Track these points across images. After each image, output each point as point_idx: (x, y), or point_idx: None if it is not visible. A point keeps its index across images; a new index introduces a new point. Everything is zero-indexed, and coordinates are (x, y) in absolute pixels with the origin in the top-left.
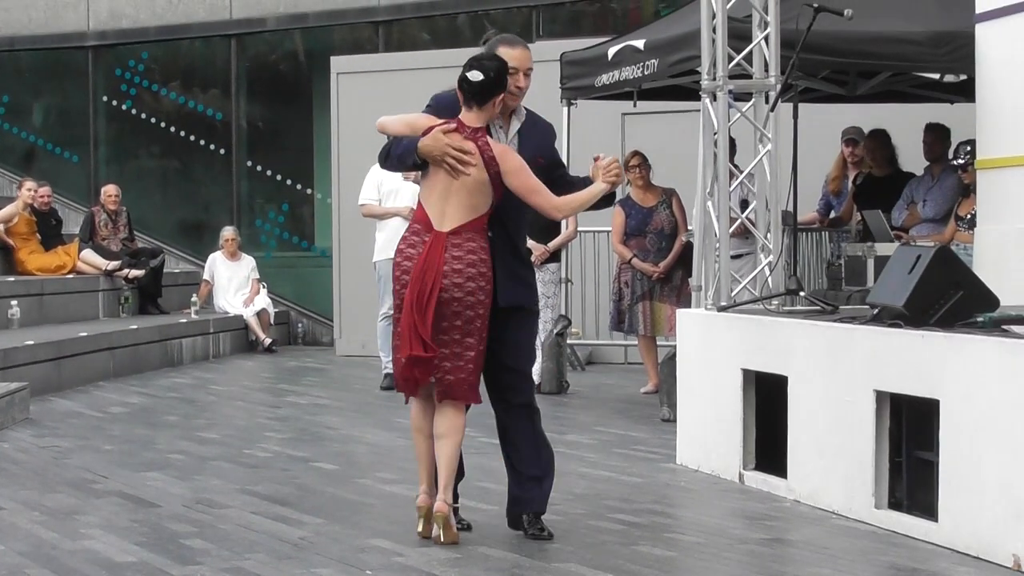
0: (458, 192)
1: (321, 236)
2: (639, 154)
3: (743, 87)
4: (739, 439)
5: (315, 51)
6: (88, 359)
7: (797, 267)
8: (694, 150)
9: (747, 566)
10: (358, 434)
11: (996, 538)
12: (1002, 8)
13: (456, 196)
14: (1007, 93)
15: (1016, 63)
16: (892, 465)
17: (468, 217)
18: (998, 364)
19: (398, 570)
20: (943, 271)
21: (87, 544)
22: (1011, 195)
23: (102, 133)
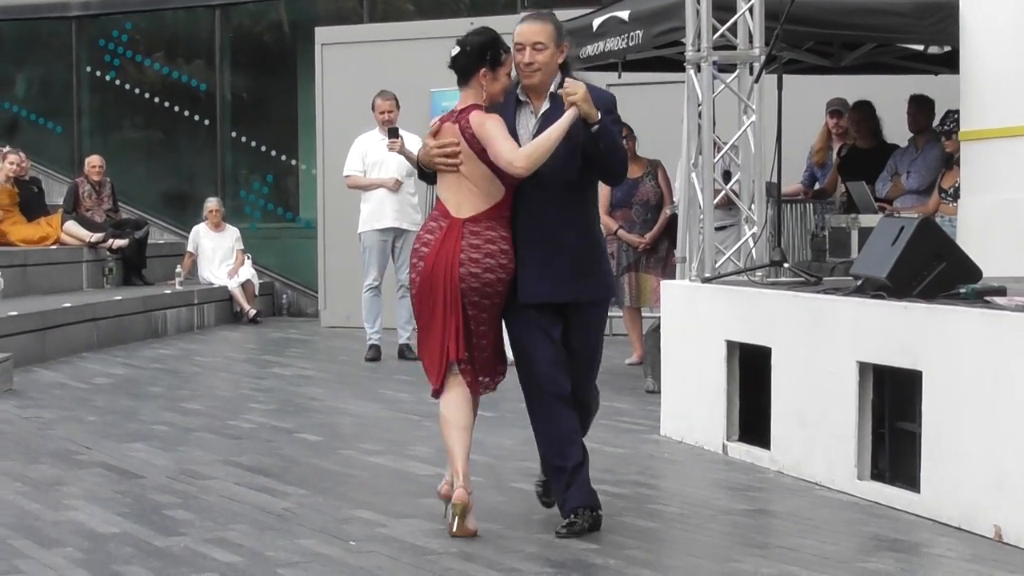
0: (467, 181)
1: (306, 207)
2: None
3: (727, 58)
4: (723, 410)
5: (299, 22)
6: (72, 330)
7: (781, 238)
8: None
9: (730, 537)
10: (342, 405)
11: (977, 509)
12: None
13: (467, 185)
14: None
15: (1000, 34)
16: (875, 436)
17: (484, 206)
18: (980, 335)
19: (381, 541)
20: (926, 243)
21: (70, 515)
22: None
23: (86, 104)
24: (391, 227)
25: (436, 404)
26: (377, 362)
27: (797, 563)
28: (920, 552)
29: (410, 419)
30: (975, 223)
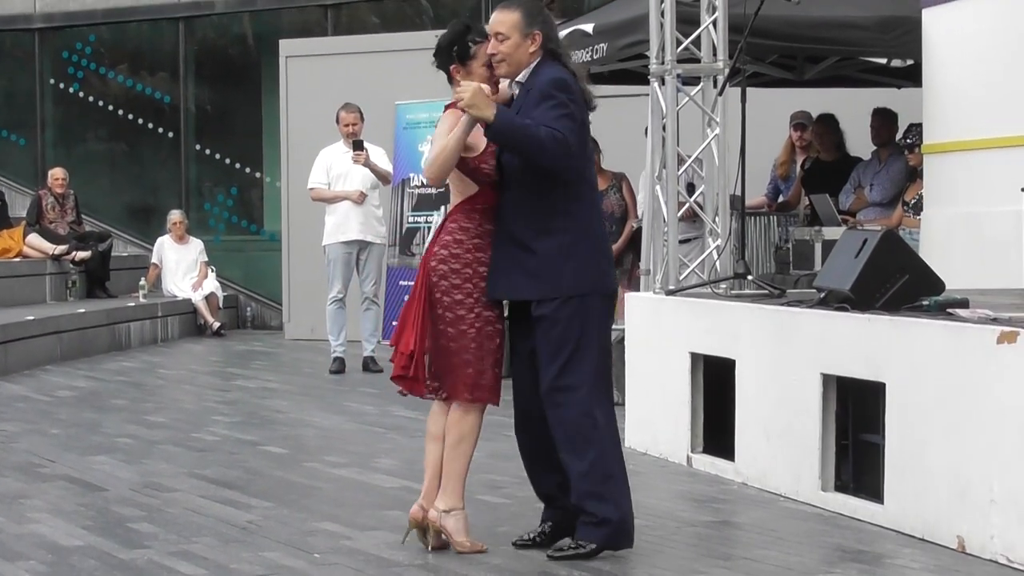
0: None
1: (270, 220)
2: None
3: (691, 71)
4: (687, 422)
5: (264, 34)
6: (35, 343)
7: (745, 251)
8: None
9: (695, 549)
10: (307, 418)
11: (941, 520)
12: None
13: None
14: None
15: (962, 48)
16: (838, 448)
17: (457, 199)
18: (943, 348)
19: (346, 553)
20: (889, 255)
21: (33, 528)
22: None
23: (49, 116)
24: (356, 239)
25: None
26: (342, 374)
27: (761, 574)
28: (884, 563)
29: (374, 431)
30: (938, 236)
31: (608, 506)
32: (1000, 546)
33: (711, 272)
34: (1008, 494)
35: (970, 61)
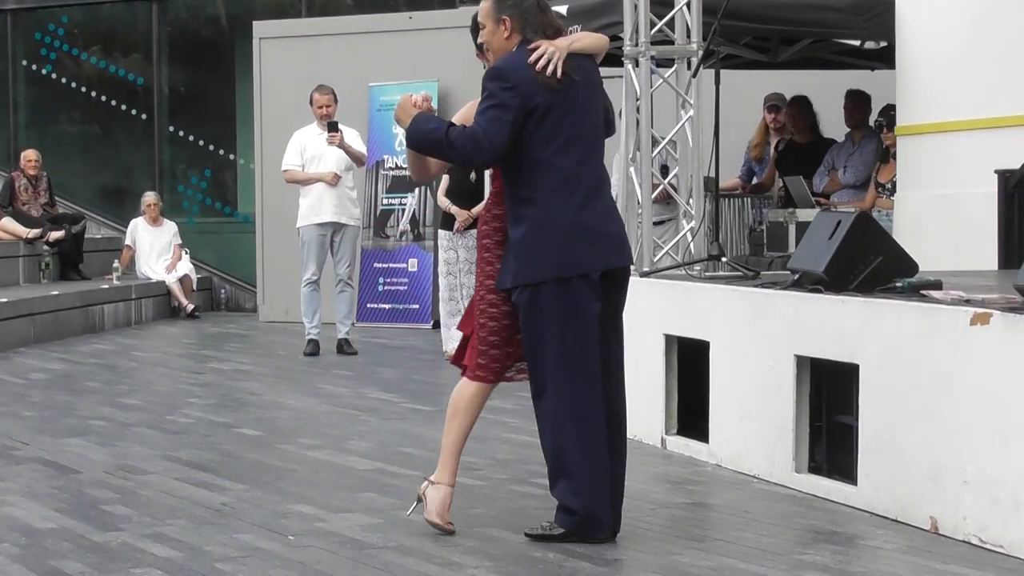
0: None
1: (244, 202)
2: None
3: (665, 53)
4: (661, 404)
5: (237, 16)
6: (8, 325)
7: (719, 233)
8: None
9: (669, 530)
10: (281, 400)
11: (914, 501)
12: None
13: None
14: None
15: (936, 30)
16: (812, 429)
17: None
18: (917, 329)
19: (320, 535)
20: (863, 237)
21: (6, 511)
22: (930, 161)
23: (22, 98)
24: (330, 222)
25: (375, 399)
26: (316, 357)
27: (735, 556)
28: (857, 544)
29: (348, 413)
30: (912, 217)
31: (573, 497)
32: (973, 527)
33: (685, 254)
34: (980, 476)
35: (944, 43)
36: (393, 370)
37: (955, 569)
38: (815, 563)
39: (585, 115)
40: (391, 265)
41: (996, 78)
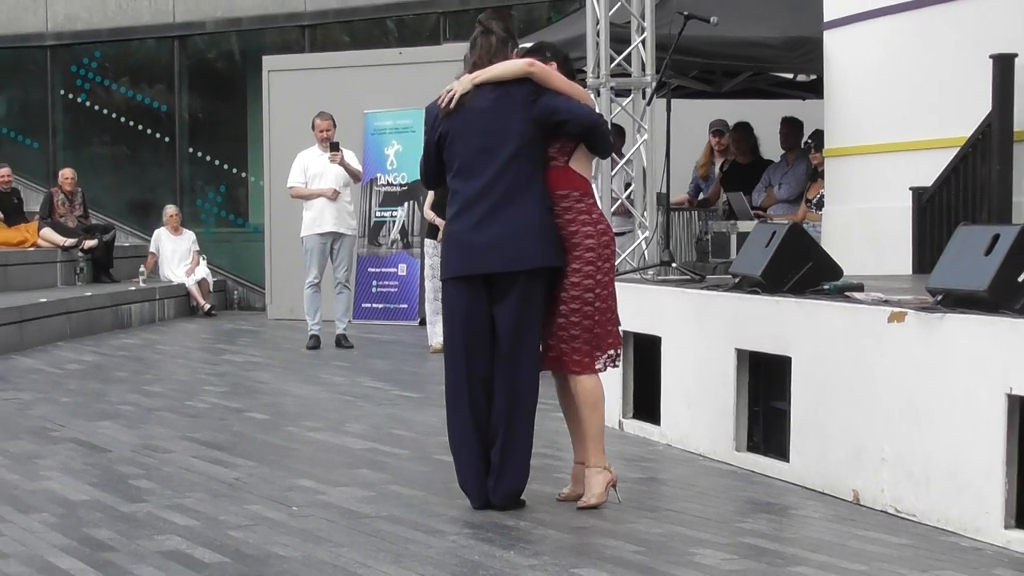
0: None
1: (254, 214)
2: None
3: (623, 84)
4: (619, 391)
5: (249, 51)
6: (47, 322)
7: (670, 242)
8: None
9: (625, 501)
10: (286, 388)
11: (839, 476)
12: (846, 17)
13: None
14: (851, 91)
15: (858, 64)
16: (750, 413)
17: None
18: (841, 326)
19: (320, 506)
20: (795, 245)
21: (46, 484)
22: (854, 180)
23: (59, 123)
24: (330, 231)
25: (369, 387)
26: (317, 350)
27: (683, 524)
28: (789, 514)
29: (346, 399)
30: (837, 228)
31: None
32: (889, 498)
33: (640, 260)
34: (896, 454)
35: (865, 76)
36: (385, 362)
37: (874, 535)
38: (753, 530)
39: (474, 138)
40: (383, 270)
41: (910, 107)
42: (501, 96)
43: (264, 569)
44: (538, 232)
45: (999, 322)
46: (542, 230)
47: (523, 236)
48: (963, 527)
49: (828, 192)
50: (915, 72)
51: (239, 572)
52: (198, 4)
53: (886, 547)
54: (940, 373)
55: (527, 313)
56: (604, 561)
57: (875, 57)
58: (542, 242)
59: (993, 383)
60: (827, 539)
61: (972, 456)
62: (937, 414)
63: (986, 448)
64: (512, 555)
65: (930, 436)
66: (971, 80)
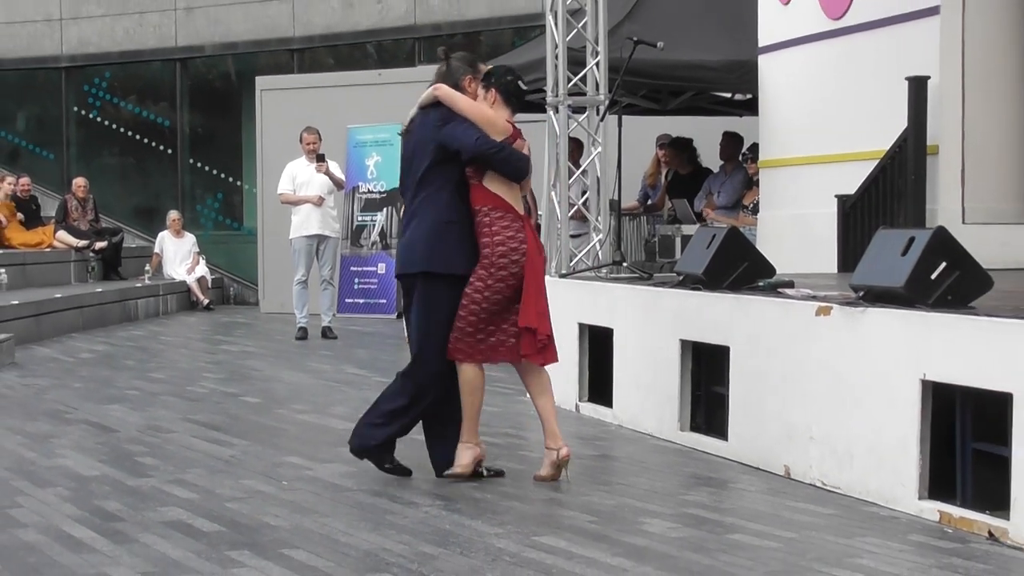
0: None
1: (248, 218)
2: None
3: (579, 102)
4: (576, 377)
5: (243, 72)
6: (62, 315)
7: (621, 243)
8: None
9: (582, 476)
10: (277, 374)
11: (772, 453)
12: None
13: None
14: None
15: (789, 86)
16: (693, 397)
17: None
18: (774, 319)
19: (308, 481)
20: (733, 247)
21: (60, 461)
22: (785, 188)
23: (73, 136)
24: (316, 234)
25: (351, 374)
26: (305, 340)
27: (632, 496)
28: (728, 487)
29: (331, 385)
30: (771, 231)
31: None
32: (817, 473)
33: (595, 260)
34: (823, 434)
35: (796, 95)
36: (365, 351)
37: (803, 506)
38: (695, 502)
39: (408, 157)
40: (364, 268)
41: (835, 123)
42: (424, 120)
43: (257, 537)
44: (428, 241)
45: (914, 315)
46: (431, 239)
47: (417, 244)
48: (882, 498)
49: (762, 199)
50: (839, 92)
51: (234, 540)
52: (198, 30)
53: (814, 516)
54: (862, 361)
55: (425, 310)
56: (562, 529)
57: (804, 79)
58: (430, 250)
59: (909, 370)
60: (762, 509)
61: (890, 435)
62: (859, 397)
63: (902, 428)
64: (479, 524)
65: (853, 417)
66: (889, 99)
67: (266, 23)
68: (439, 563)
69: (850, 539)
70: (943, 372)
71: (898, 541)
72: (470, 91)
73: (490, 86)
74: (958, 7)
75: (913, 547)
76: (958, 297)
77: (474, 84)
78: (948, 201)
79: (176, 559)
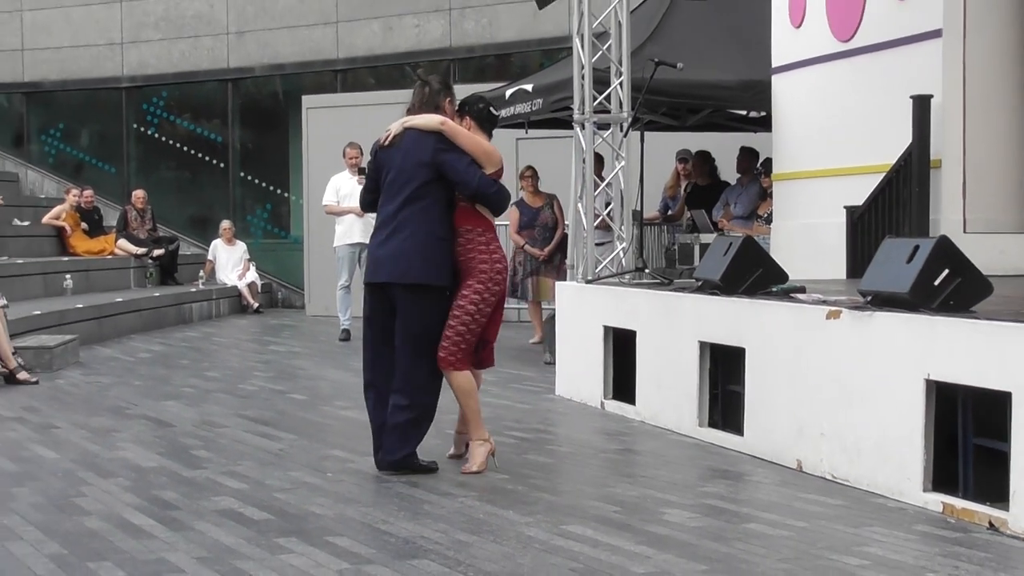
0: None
1: (295, 227)
2: (531, 168)
3: (604, 119)
4: (601, 376)
5: (291, 92)
6: (122, 318)
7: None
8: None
9: (606, 469)
10: (322, 373)
11: (785, 448)
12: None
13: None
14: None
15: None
16: (711, 395)
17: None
18: (787, 322)
19: (350, 473)
20: (749, 254)
21: (121, 453)
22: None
23: (132, 152)
24: (358, 242)
25: None
26: (348, 342)
27: (654, 487)
28: (743, 479)
29: None
30: (784, 240)
31: None
32: (827, 467)
33: (618, 267)
34: (833, 430)
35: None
36: None
37: (814, 497)
38: (713, 493)
39: (393, 171)
40: None
41: (844, 139)
42: (417, 141)
43: (303, 525)
44: (421, 255)
45: (919, 319)
46: (425, 254)
47: (409, 256)
48: (889, 490)
49: (776, 210)
50: (848, 110)
51: (283, 528)
52: (248, 53)
53: (824, 507)
54: (869, 361)
55: (411, 317)
56: (588, 519)
57: (815, 97)
58: (423, 263)
59: (914, 370)
60: (775, 500)
61: (896, 431)
62: (867, 396)
63: (908, 424)
64: (511, 513)
65: (861, 414)
66: (894, 117)
67: (311, 46)
68: (473, 550)
69: (858, 529)
70: (946, 372)
71: (903, 531)
72: (448, 111)
73: (464, 114)
74: (959, 30)
75: (918, 536)
76: (960, 302)
77: (450, 106)
78: (950, 212)
79: (228, 545)
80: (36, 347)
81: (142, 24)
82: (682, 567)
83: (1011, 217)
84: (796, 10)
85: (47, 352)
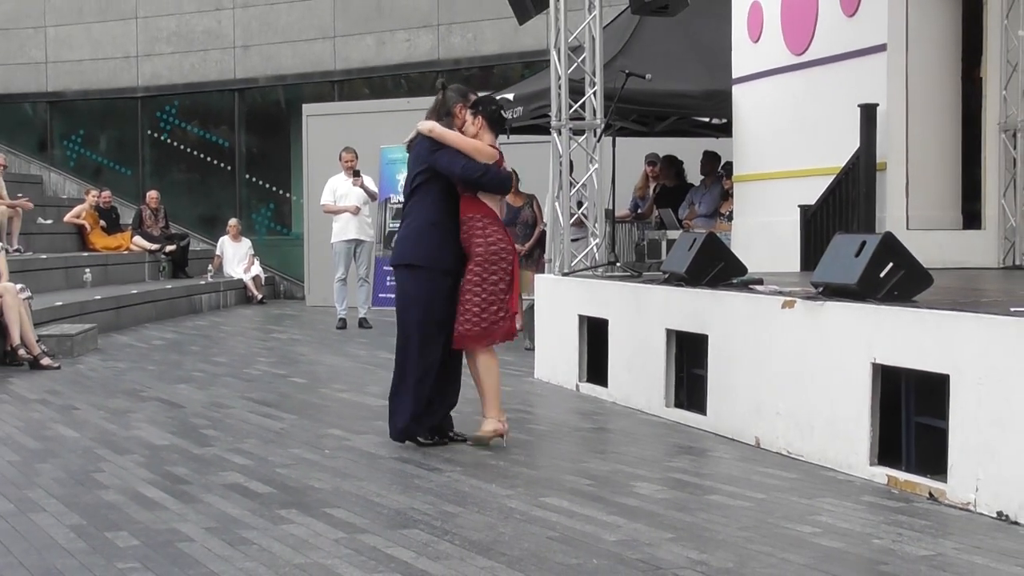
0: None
1: (296, 225)
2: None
3: (578, 126)
4: (576, 361)
5: (292, 100)
6: (138, 308)
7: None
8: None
9: (581, 445)
10: (320, 359)
11: (744, 426)
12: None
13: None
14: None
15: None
16: (677, 378)
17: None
18: (746, 311)
19: (347, 450)
20: (711, 249)
21: (136, 432)
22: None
23: (147, 155)
24: (353, 238)
25: (384, 358)
26: (344, 330)
27: (624, 463)
28: (706, 455)
29: (366, 368)
30: (743, 237)
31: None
32: (783, 443)
33: (592, 261)
34: (788, 409)
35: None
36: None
37: (771, 471)
38: (678, 468)
39: (408, 170)
40: None
41: (798, 144)
42: (420, 144)
43: (303, 498)
44: (414, 239)
45: (866, 308)
46: (418, 238)
47: (405, 240)
48: (838, 464)
49: (736, 208)
50: (801, 117)
51: (284, 500)
52: (253, 65)
53: (780, 480)
54: (821, 347)
55: (408, 296)
56: (564, 491)
57: (771, 105)
58: (415, 247)
59: (861, 354)
60: (735, 474)
61: (845, 410)
62: (818, 378)
63: (856, 404)
64: (493, 487)
65: (813, 395)
66: (844, 123)
67: (311, 59)
68: (459, 520)
69: (811, 499)
70: (890, 356)
71: (852, 501)
72: (461, 116)
73: (477, 113)
74: (902, 45)
75: (865, 506)
76: (903, 292)
77: (464, 111)
78: (894, 210)
79: (234, 516)
80: (58, 335)
81: (156, 39)
82: (650, 535)
83: (949, 215)
84: (754, 26)
85: (68, 340)
